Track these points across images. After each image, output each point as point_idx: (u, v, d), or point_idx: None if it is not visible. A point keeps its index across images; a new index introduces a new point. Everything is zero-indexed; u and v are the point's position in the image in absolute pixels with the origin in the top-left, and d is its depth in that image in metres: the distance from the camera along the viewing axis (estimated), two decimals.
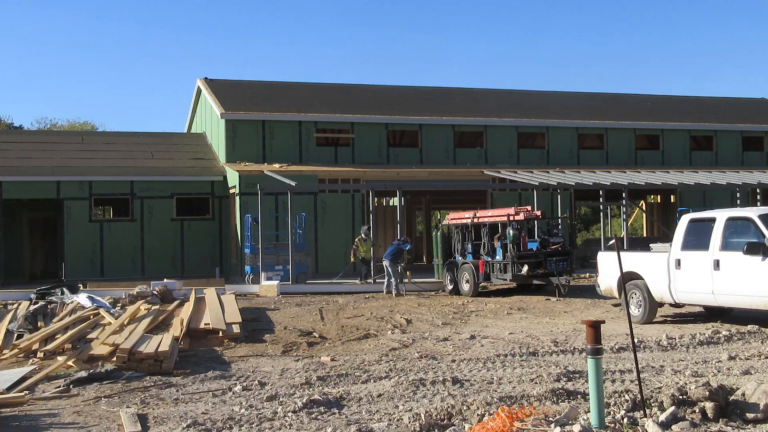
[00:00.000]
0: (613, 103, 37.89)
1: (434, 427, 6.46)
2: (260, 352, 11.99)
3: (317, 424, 7.03)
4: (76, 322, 13.28)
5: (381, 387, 8.50)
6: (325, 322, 15.09)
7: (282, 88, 34.85)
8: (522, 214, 19.78)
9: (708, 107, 38.85)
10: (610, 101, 38.34)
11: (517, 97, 37.59)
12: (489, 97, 36.69)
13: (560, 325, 14.12)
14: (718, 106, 39.45)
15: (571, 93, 40.12)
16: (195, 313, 14.31)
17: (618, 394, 7.38)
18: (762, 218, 12.27)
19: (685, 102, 40.00)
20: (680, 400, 6.68)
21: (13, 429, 7.37)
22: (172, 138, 34.91)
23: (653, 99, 39.94)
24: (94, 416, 7.86)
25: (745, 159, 35.23)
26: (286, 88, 35.14)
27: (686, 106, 38.59)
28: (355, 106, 32.16)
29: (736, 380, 7.95)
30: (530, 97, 37.94)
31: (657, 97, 41.03)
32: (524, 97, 37.77)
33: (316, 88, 35.65)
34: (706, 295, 13.00)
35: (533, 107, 35.29)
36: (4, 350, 11.87)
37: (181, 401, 8.41)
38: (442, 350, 11.51)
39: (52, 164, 28.92)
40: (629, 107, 37.08)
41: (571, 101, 37.31)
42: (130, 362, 10.30)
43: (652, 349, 10.87)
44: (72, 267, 27.11)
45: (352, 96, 34.25)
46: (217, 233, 29.14)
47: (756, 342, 11.19)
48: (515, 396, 7.64)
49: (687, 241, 13.35)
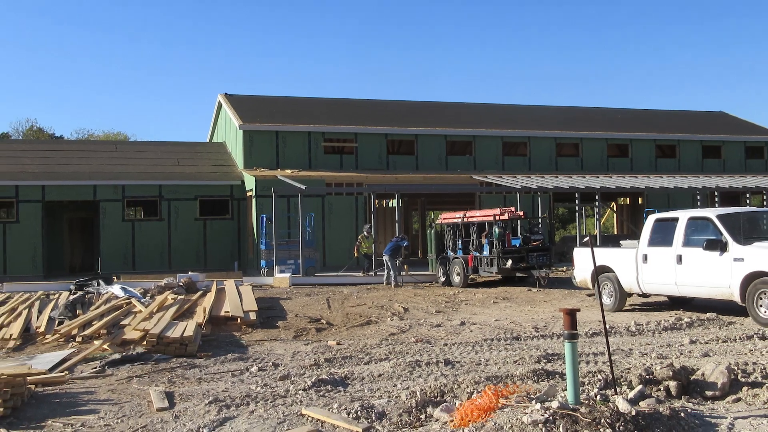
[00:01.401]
0: (587, 116, 37.88)
1: (429, 404, 6.46)
2: (274, 337, 11.99)
3: (325, 400, 7.03)
4: (110, 310, 13.28)
5: (381, 368, 8.50)
6: (331, 310, 15.09)
7: (293, 103, 34.86)
8: (506, 215, 19.79)
9: (671, 120, 38.89)
10: (585, 114, 38.34)
11: (501, 110, 37.60)
12: (477, 111, 36.72)
13: (540, 312, 14.12)
14: (681, 118, 39.49)
15: (550, 107, 40.13)
16: (216, 302, 14.32)
17: (592, 374, 7.37)
18: (719, 218, 12.28)
19: (652, 115, 40.03)
20: (647, 380, 6.68)
21: (55, 405, 7.37)
22: (196, 147, 34.92)
23: (623, 112, 39.94)
24: (127, 393, 7.86)
25: (704, 166, 35.25)
26: (296, 102, 35.14)
27: (652, 119, 38.60)
28: (358, 118, 32.17)
29: (696, 362, 7.95)
30: (514, 110, 37.95)
31: (626, 110, 41.02)
32: (508, 110, 37.78)
33: (324, 102, 35.64)
34: (670, 287, 13.01)
35: (516, 119, 35.31)
36: (47, 335, 11.88)
37: (203, 380, 8.41)
38: (435, 335, 11.51)
39: (89, 170, 28.93)
40: (601, 120, 37.10)
41: (550, 114, 37.31)
42: (159, 346, 10.30)
43: (622, 334, 10.87)
44: (107, 261, 27.15)
45: (356, 109, 34.26)
46: (236, 231, 29.15)
47: (714, 328, 11.19)
48: (500, 376, 7.64)
49: (653, 238, 13.35)
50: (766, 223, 13.16)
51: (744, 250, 11.62)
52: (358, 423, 6.06)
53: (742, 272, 11.54)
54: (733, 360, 7.98)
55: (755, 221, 13.04)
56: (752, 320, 11.45)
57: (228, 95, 33.86)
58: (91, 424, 6.60)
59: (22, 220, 26.96)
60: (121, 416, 6.85)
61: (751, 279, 11.43)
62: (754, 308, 11.38)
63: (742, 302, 11.64)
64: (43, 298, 15.74)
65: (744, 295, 11.53)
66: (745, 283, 11.50)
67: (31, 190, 27.18)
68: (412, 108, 35.92)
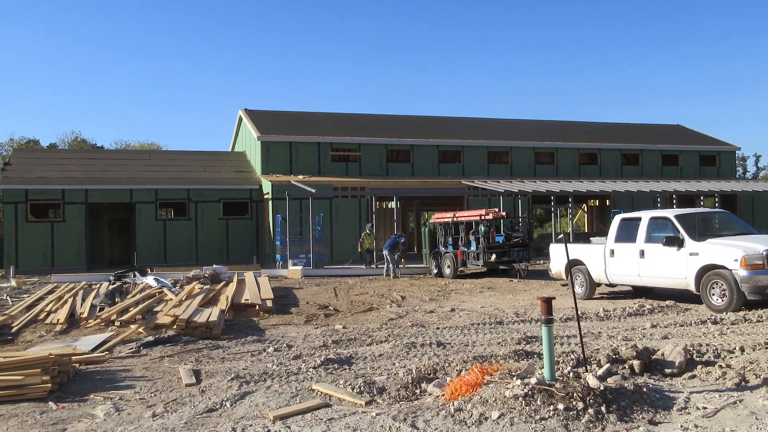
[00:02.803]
0: (561, 128, 37.85)
1: (423, 380, 6.45)
2: (288, 322, 11.98)
3: (332, 377, 7.02)
4: (144, 298, 13.27)
5: (381, 349, 8.49)
6: (338, 298, 15.08)
7: (305, 117, 34.82)
8: (491, 215, 19.77)
9: (635, 132, 38.84)
10: (559, 127, 38.32)
11: (486, 123, 37.56)
12: (465, 124, 36.68)
13: (521, 300, 14.11)
14: (643, 130, 39.44)
15: (529, 120, 40.10)
16: (237, 291, 14.31)
17: (565, 354, 7.36)
18: (677, 218, 12.28)
19: (617, 127, 39.98)
20: (614, 359, 6.67)
21: (96, 381, 7.37)
22: (219, 155, 34.89)
23: (592, 125, 39.93)
24: (159, 371, 7.85)
25: (663, 172, 35.22)
26: (307, 116, 35.11)
27: (618, 131, 38.57)
28: (361, 131, 32.14)
29: (657, 343, 7.94)
30: (497, 123, 37.92)
31: (595, 123, 41.02)
32: (492, 123, 37.74)
33: (331, 117, 35.61)
34: (634, 277, 13.00)
35: (499, 132, 35.29)
36: (89, 320, 11.87)
37: (226, 359, 8.40)
38: (429, 320, 11.50)
39: (126, 176, 28.91)
40: (574, 132, 37.07)
41: (529, 127, 37.29)
42: (187, 329, 10.29)
43: (592, 319, 10.86)
44: (142, 255, 27.13)
45: (359, 123, 34.23)
46: (254, 229, 29.12)
47: (672, 314, 11.18)
48: (486, 356, 7.63)
49: (619, 235, 13.34)
50: (718, 222, 13.15)
51: (698, 246, 11.61)
52: (362, 397, 6.06)
53: (696, 265, 11.55)
54: (689, 342, 7.97)
55: (708, 221, 13.04)
56: (705, 307, 11.44)
57: (248, 110, 33.82)
58: (128, 397, 6.60)
59: (67, 220, 26.95)
60: (154, 391, 6.85)
61: (705, 271, 11.44)
62: (707, 297, 11.39)
63: (696, 291, 11.64)
64: (86, 287, 15.74)
65: (698, 285, 11.54)
66: (699, 275, 11.50)
67: (76, 193, 27.16)
68: (409, 122, 35.87)
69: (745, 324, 9.63)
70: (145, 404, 6.31)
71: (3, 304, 14.53)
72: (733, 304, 10.90)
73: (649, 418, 5.07)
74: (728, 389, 5.86)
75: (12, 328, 11.39)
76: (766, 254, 10.79)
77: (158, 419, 5.74)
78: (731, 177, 36.86)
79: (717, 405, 5.36)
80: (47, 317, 12.23)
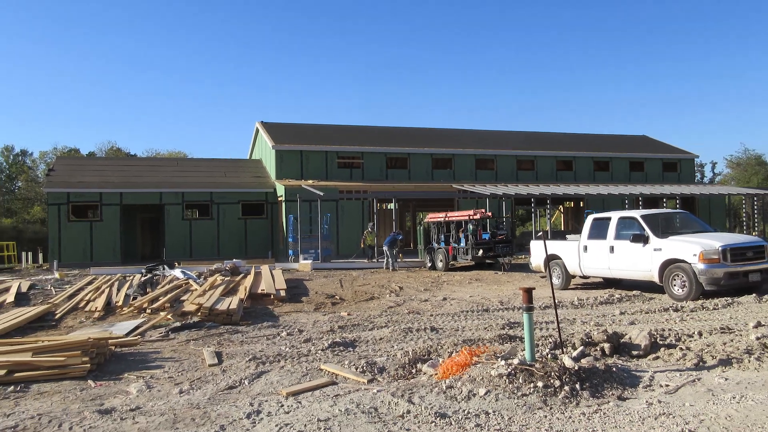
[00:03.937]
0: (540, 138, 37.82)
1: (418, 361, 6.45)
2: (299, 309, 11.99)
3: (338, 358, 7.03)
4: (172, 289, 13.29)
5: (382, 333, 8.49)
6: (343, 289, 15.08)
7: (314, 128, 34.78)
8: (478, 215, 19.77)
9: (605, 141, 38.82)
10: (539, 137, 38.28)
11: (475, 134, 37.53)
12: (455, 135, 36.65)
13: (504, 290, 14.11)
14: (612, 140, 39.42)
15: (512, 131, 40.07)
16: (254, 282, 14.32)
17: (544, 338, 7.37)
18: (643, 218, 12.28)
19: (590, 138, 39.94)
20: (587, 342, 6.67)
21: (130, 362, 7.37)
22: (239, 162, 34.86)
23: (569, 136, 39.87)
24: (185, 353, 7.86)
25: (631, 177, 35.19)
26: (316, 128, 35.07)
27: (591, 141, 38.53)
28: (364, 140, 32.11)
29: (625, 328, 7.94)
30: (484, 134, 37.89)
31: (570, 134, 40.96)
32: (480, 134, 37.72)
33: (337, 128, 35.57)
34: (605, 270, 13.01)
35: (486, 141, 35.25)
36: (124, 308, 11.89)
37: (245, 342, 8.41)
38: (423, 308, 11.50)
39: (156, 181, 28.90)
40: (551, 142, 37.03)
41: (512, 137, 37.26)
42: (210, 316, 10.31)
43: (568, 307, 10.86)
44: (170, 251, 27.12)
45: (362, 133, 34.18)
46: (269, 228, 29.11)
47: (639, 302, 11.18)
48: (474, 339, 7.63)
49: (591, 233, 13.35)
50: (679, 221, 13.15)
51: (661, 242, 11.62)
52: (364, 375, 6.06)
53: (660, 259, 11.55)
54: (653, 327, 7.97)
55: (670, 220, 13.04)
56: (668, 296, 11.44)
57: (264, 123, 33.80)
58: (158, 376, 6.60)
59: (104, 220, 26.95)
60: (181, 370, 6.85)
61: (667, 265, 11.44)
62: (669, 287, 11.39)
63: (660, 282, 11.64)
64: (121, 279, 15.75)
65: (662, 277, 11.54)
66: (663, 268, 11.51)
67: (112, 196, 27.16)
68: (406, 133, 35.83)
69: (702, 311, 9.62)
70: (173, 382, 6.32)
71: (47, 294, 14.54)
72: (692, 294, 10.91)
73: (618, 395, 5.08)
74: (688, 369, 5.86)
75: (55, 315, 11.41)
76: (721, 250, 10.80)
77: (185, 395, 5.74)
78: (690, 182, 36.84)
79: (678, 383, 5.37)
80: (86, 305, 12.24)
